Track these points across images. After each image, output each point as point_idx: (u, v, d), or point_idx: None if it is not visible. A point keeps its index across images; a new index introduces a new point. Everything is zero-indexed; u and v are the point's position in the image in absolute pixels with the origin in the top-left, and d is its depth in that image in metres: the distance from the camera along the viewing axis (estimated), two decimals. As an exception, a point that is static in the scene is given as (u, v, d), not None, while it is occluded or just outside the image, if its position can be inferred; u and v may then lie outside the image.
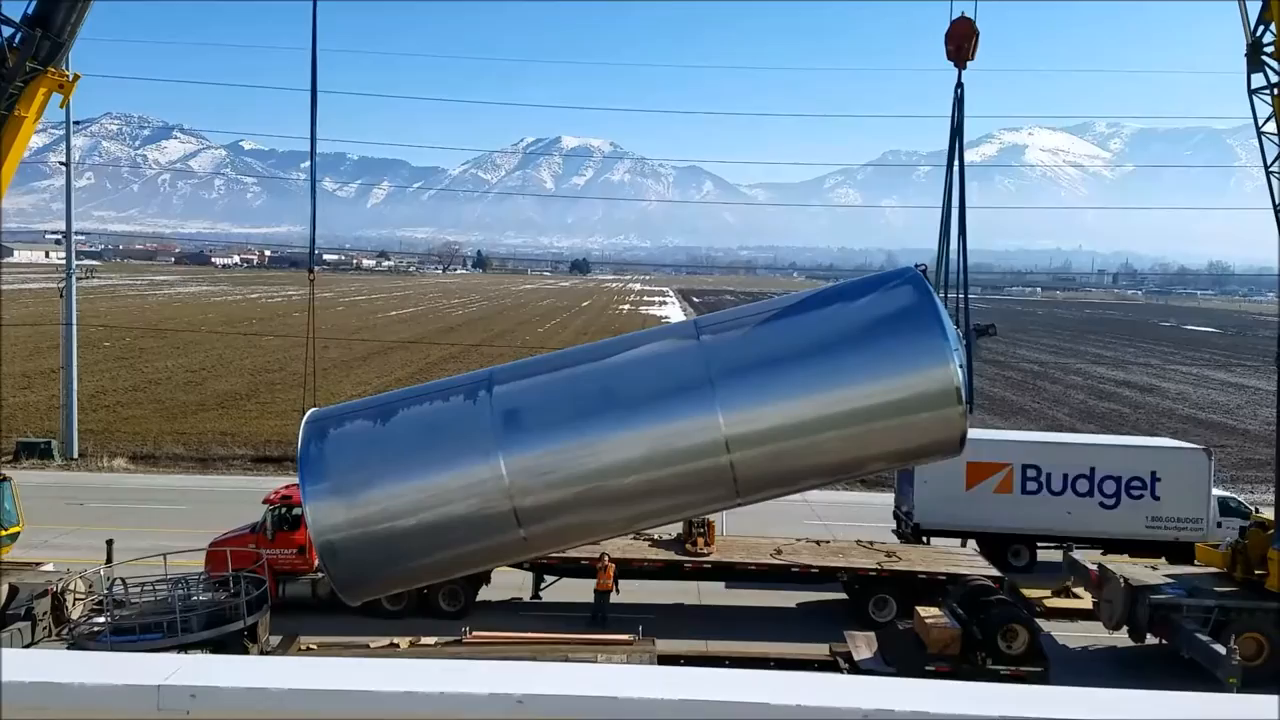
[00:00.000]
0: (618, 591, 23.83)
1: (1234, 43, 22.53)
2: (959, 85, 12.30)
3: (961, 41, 12.72)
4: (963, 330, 10.54)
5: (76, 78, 20.60)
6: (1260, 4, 21.86)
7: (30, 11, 19.12)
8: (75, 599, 22.05)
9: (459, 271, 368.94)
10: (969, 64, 12.68)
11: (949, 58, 12.73)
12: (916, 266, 10.07)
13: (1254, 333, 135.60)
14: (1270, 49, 21.72)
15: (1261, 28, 21.90)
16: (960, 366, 9.35)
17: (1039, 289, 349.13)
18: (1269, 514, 23.45)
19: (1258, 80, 22.16)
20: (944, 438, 9.69)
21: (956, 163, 11.82)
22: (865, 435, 9.51)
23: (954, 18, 12.86)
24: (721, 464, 9.36)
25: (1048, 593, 25.36)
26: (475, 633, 20.34)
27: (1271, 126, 22.07)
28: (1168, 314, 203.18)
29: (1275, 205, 22.46)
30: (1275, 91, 21.76)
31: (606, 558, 23.63)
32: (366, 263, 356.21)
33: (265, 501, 24.86)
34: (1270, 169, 22.52)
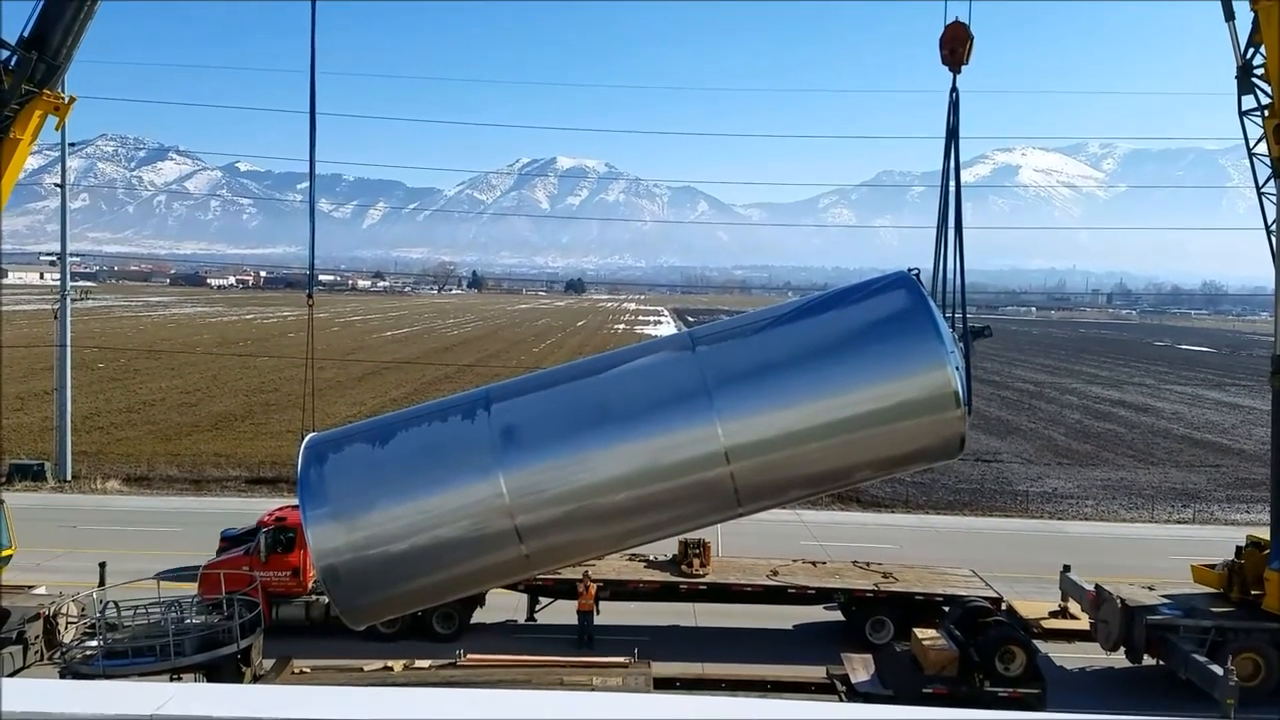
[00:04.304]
0: (599, 612, 23.77)
1: (1225, 64, 22.73)
2: (954, 89, 12.32)
3: (956, 45, 12.78)
4: (959, 333, 10.45)
5: (72, 100, 20.61)
6: (1250, 27, 22.05)
7: (26, 34, 19.18)
8: (68, 622, 21.91)
9: (454, 291, 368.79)
10: (964, 68, 12.73)
11: (944, 62, 12.78)
12: (910, 270, 10.01)
13: (1248, 352, 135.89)
14: (1260, 71, 21.90)
15: (1251, 50, 22.10)
16: (957, 369, 9.28)
17: (1034, 308, 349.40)
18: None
19: (1248, 102, 22.33)
20: (944, 440, 9.60)
21: (952, 165, 11.81)
22: (862, 440, 9.42)
23: (948, 22, 12.94)
24: (722, 475, 9.27)
25: (1045, 613, 25.27)
26: (470, 655, 20.21)
27: (1263, 148, 22.22)
28: (1162, 333, 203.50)
29: (1268, 225, 22.57)
30: (1265, 113, 21.92)
31: (588, 576, 23.57)
32: (362, 283, 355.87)
33: (259, 524, 24.77)
34: (1262, 189, 22.65)
